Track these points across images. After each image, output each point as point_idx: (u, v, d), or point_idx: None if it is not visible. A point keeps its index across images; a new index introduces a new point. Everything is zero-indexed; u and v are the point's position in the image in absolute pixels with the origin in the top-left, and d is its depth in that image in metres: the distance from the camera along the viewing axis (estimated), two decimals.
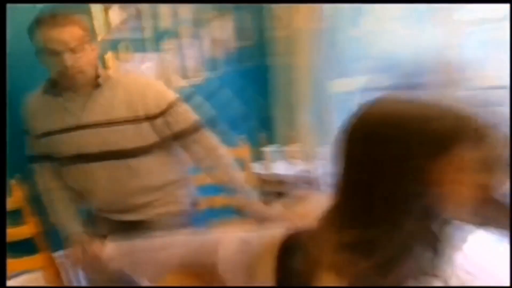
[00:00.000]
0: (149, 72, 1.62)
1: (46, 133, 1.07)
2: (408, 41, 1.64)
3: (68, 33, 0.95)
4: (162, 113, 1.08)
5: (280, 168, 1.93)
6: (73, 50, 0.95)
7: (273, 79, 2.06)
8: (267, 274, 0.47)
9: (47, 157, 1.12)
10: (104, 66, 1.42)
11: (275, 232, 0.51)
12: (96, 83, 1.03)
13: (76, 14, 1.04)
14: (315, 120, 1.94)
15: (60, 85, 1.04)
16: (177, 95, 1.14)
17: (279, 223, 0.55)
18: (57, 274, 1.24)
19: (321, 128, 1.90)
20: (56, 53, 0.94)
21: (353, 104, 0.44)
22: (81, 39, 0.97)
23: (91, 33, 1.12)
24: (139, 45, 1.60)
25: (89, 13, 1.41)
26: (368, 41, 1.75)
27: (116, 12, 1.51)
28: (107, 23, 1.49)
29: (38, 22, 0.96)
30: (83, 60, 0.98)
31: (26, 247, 1.20)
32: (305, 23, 1.83)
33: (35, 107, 1.09)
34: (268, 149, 1.97)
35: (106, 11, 1.48)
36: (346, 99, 1.72)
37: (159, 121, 1.08)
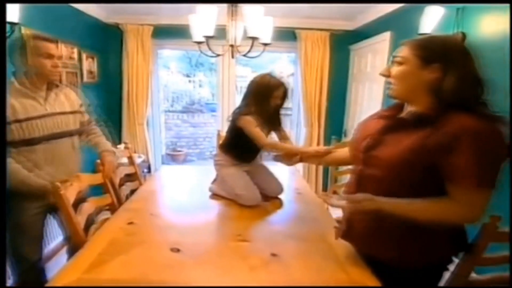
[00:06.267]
0: None
1: (24, 119, 1.33)
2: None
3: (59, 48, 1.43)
4: (78, 110, 1.63)
5: None
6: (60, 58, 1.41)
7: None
8: None
9: (21, 141, 1.34)
10: None
11: None
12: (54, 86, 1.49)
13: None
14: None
15: (35, 82, 1.38)
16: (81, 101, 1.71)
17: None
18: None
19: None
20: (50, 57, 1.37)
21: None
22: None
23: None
24: None
25: None
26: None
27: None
28: None
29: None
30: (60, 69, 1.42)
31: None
32: None
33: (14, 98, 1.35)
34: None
35: None
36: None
37: (77, 114, 1.62)
